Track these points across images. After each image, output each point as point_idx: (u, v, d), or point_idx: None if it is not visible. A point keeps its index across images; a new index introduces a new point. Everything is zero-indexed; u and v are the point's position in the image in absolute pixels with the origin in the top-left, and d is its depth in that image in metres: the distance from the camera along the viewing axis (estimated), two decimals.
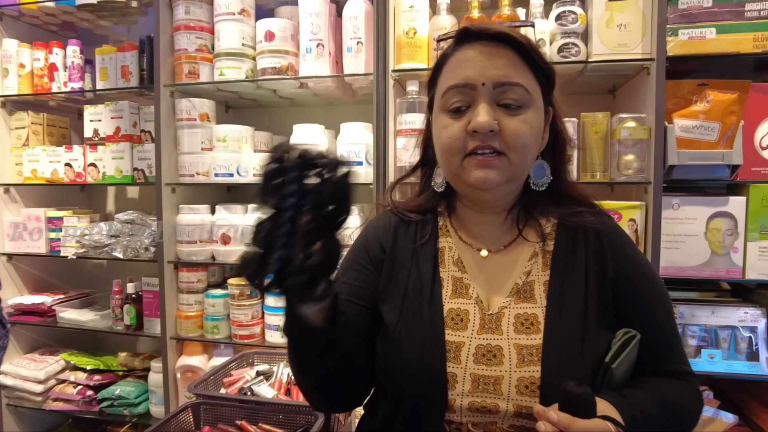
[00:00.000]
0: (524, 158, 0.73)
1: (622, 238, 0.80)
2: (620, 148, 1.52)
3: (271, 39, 1.72)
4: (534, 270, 0.78)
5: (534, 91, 0.73)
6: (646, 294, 0.78)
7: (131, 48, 1.90)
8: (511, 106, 0.71)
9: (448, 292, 0.78)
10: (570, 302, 0.74)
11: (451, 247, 0.82)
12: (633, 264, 0.79)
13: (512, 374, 0.70)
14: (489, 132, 0.70)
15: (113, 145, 1.91)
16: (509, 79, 0.71)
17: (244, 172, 1.78)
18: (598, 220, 0.80)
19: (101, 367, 2.05)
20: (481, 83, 0.72)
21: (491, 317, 0.75)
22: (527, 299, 0.75)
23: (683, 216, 1.50)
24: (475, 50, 0.73)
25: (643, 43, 1.48)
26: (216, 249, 1.83)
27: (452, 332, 0.74)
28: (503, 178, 0.73)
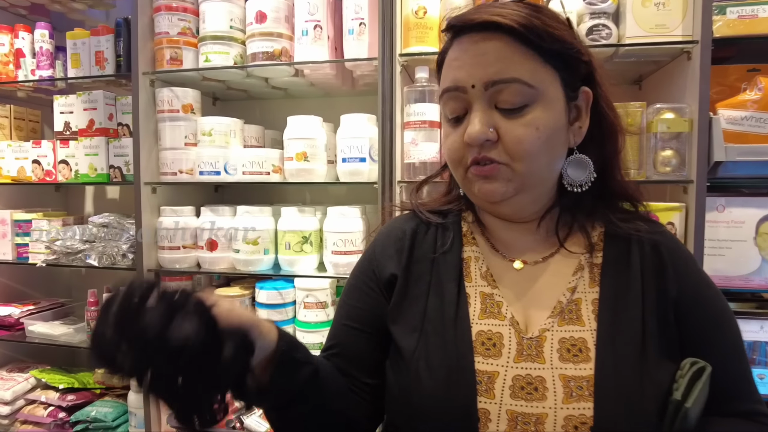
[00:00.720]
0: (532, 165, 0.61)
1: (684, 253, 0.69)
2: (657, 142, 1.35)
3: (263, 20, 1.53)
4: (580, 286, 0.65)
5: (542, 81, 0.60)
6: (714, 319, 0.66)
7: (106, 32, 1.70)
8: (511, 108, 0.60)
9: (476, 311, 0.65)
10: (625, 325, 0.62)
11: (478, 257, 0.70)
12: (698, 283, 0.67)
13: (558, 412, 0.58)
14: (486, 142, 0.60)
15: (86, 140, 1.71)
16: (501, 76, 0.59)
17: (232, 170, 1.60)
18: (653, 230, 0.67)
19: (76, 386, 1.85)
20: (471, 85, 0.61)
21: (530, 342, 0.62)
22: (573, 321, 0.63)
23: (729, 219, 1.33)
24: (462, 45, 0.62)
25: (684, 23, 1.31)
26: (201, 256, 1.64)
27: (483, 360, 0.62)
28: (511, 189, 0.62)
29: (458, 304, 0.66)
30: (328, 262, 1.54)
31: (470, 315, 0.65)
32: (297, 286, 1.57)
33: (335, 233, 1.51)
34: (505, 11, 0.59)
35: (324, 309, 1.54)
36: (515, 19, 0.58)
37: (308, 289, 1.54)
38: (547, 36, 0.59)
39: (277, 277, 1.61)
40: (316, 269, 1.60)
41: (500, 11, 0.59)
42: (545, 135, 0.60)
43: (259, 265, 1.58)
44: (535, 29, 0.58)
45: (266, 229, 1.58)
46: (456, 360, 0.62)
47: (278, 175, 1.59)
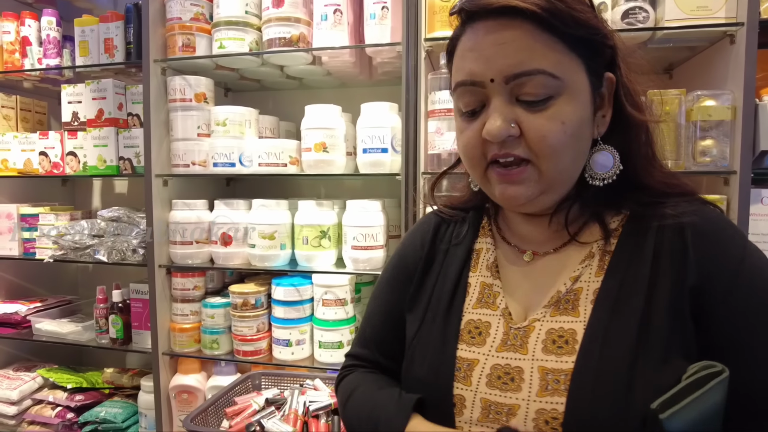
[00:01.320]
0: (559, 163, 0.56)
1: (720, 233, 0.57)
2: (695, 131, 1.28)
3: (280, 5, 1.47)
4: (585, 275, 0.60)
5: (567, 70, 0.55)
6: (754, 314, 0.54)
7: (116, 18, 1.63)
8: (534, 101, 0.54)
9: (472, 301, 0.66)
10: (623, 318, 0.55)
11: (489, 249, 0.69)
12: (734, 268, 0.55)
13: (530, 404, 0.55)
14: (508, 138, 0.55)
15: (95, 130, 1.65)
16: (524, 68, 0.53)
17: (247, 162, 1.53)
18: (687, 211, 0.57)
19: (84, 385, 1.79)
20: (490, 79, 0.55)
21: (517, 332, 0.60)
22: (568, 311, 0.58)
23: None
24: (478, 33, 0.56)
25: (727, 5, 1.23)
26: (215, 251, 1.58)
27: (467, 348, 0.62)
28: (535, 192, 0.58)
29: (455, 294, 0.67)
30: (347, 258, 1.48)
31: (465, 304, 0.65)
32: (315, 283, 1.51)
33: (355, 227, 1.44)
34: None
35: (343, 306, 1.48)
36: (537, 2, 0.52)
37: (327, 286, 1.48)
38: (572, 21, 0.53)
39: (294, 273, 1.55)
40: (335, 265, 1.54)
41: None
42: (571, 129, 0.55)
43: (276, 261, 1.52)
44: (560, 14, 0.53)
45: (283, 224, 1.51)
46: (441, 347, 0.63)
47: (295, 167, 1.53)
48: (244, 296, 1.53)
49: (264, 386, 1.41)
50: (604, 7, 1.32)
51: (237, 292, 1.54)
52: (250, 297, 1.53)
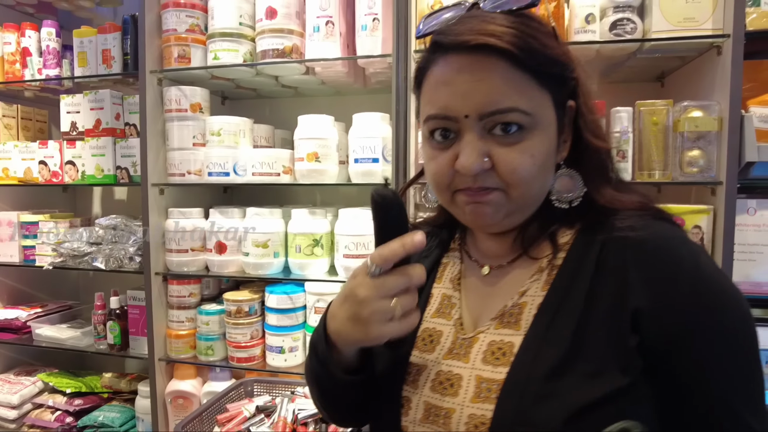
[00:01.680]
0: (527, 191, 0.58)
1: (667, 252, 0.55)
2: (683, 142, 1.29)
3: (273, 16, 1.49)
4: (532, 289, 0.61)
5: (538, 106, 0.56)
6: (701, 345, 0.53)
7: (113, 29, 1.66)
8: (508, 134, 0.56)
9: (431, 311, 0.69)
10: (556, 332, 0.56)
11: (454, 263, 0.73)
12: (682, 291, 0.54)
13: (464, 409, 0.58)
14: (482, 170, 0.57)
15: (93, 140, 1.68)
16: (499, 106, 0.54)
17: (241, 171, 1.56)
18: (636, 225, 0.57)
19: (83, 390, 1.82)
20: (464, 115, 0.56)
21: (463, 342, 0.63)
22: (510, 324, 0.61)
23: (761, 222, 1.27)
24: (452, 66, 0.56)
25: (714, 16, 1.24)
26: (210, 259, 1.60)
27: (419, 354, 0.66)
28: (501, 215, 0.59)
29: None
30: (339, 266, 1.50)
31: (425, 313, 0.69)
32: (308, 291, 1.53)
33: (347, 236, 1.46)
34: (498, 29, 0.54)
35: None
36: (512, 41, 0.53)
37: (319, 294, 1.50)
38: (545, 59, 0.55)
39: (287, 280, 1.57)
40: (327, 273, 1.56)
41: (493, 30, 0.54)
42: (540, 161, 0.57)
43: (269, 269, 1.54)
44: (534, 53, 0.54)
45: (276, 232, 1.53)
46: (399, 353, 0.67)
47: (289, 176, 1.55)
48: (237, 304, 1.55)
49: (256, 393, 1.43)
50: (592, 18, 1.33)
51: (231, 300, 1.56)
52: (244, 304, 1.55)
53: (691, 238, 0.59)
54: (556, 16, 1.34)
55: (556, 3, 1.34)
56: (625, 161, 1.33)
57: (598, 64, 1.53)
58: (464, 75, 0.55)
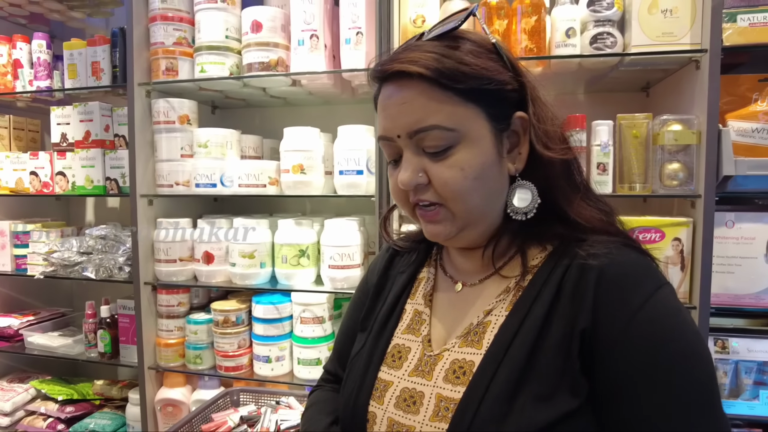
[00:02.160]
0: (467, 204, 0.60)
1: (624, 279, 0.56)
2: (663, 155, 1.31)
3: (259, 30, 1.51)
4: (498, 308, 0.63)
5: (462, 121, 0.58)
6: (637, 366, 0.53)
7: (103, 42, 1.68)
8: (435, 152, 0.59)
9: (403, 327, 0.71)
10: (514, 353, 0.58)
11: (429, 279, 0.75)
12: (627, 316, 0.54)
13: (423, 427, 0.60)
14: (418, 186, 0.61)
15: (83, 151, 1.70)
16: (421, 125, 0.58)
17: (228, 182, 1.57)
18: (601, 252, 0.58)
19: (75, 397, 1.84)
20: (397, 135, 0.61)
21: (428, 359, 0.65)
22: (473, 343, 0.62)
23: (739, 235, 1.28)
24: (385, 93, 0.62)
25: (692, 31, 1.26)
26: (198, 269, 1.62)
27: (387, 370, 0.68)
28: (454, 229, 0.63)
29: (389, 318, 0.73)
30: (325, 276, 1.51)
31: (396, 329, 0.71)
32: (294, 301, 1.55)
33: (332, 247, 1.48)
34: (417, 56, 0.57)
35: (321, 324, 1.52)
36: (425, 64, 0.57)
37: (305, 304, 1.52)
38: (461, 76, 0.57)
39: (274, 291, 1.58)
40: (314, 283, 1.57)
41: (413, 56, 0.58)
42: (473, 174, 0.59)
43: (256, 279, 1.56)
44: (446, 72, 0.57)
45: (263, 243, 1.55)
46: (367, 367, 0.69)
47: (275, 187, 1.56)
48: (225, 314, 1.57)
49: (243, 402, 1.45)
50: (572, 32, 1.34)
51: (218, 310, 1.58)
52: (231, 315, 1.57)
53: (656, 269, 0.59)
54: (537, 29, 1.35)
55: (537, 17, 1.35)
56: (606, 174, 1.35)
57: (582, 76, 1.55)
58: (393, 99, 0.60)
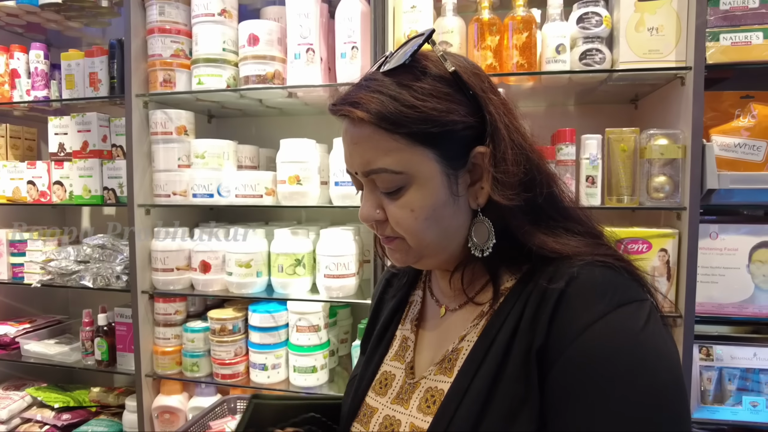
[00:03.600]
0: (422, 241, 0.60)
1: (579, 297, 0.53)
2: (650, 168, 1.34)
3: (256, 43, 1.53)
4: (471, 334, 0.62)
5: (410, 164, 0.57)
6: (576, 384, 0.50)
7: (101, 53, 1.70)
8: (388, 192, 0.60)
9: (392, 353, 0.72)
10: (480, 380, 0.56)
11: (417, 302, 0.75)
12: (574, 332, 0.51)
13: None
14: (377, 221, 0.62)
15: (81, 161, 1.71)
16: (370, 167, 0.58)
17: (225, 192, 1.60)
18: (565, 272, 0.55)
19: (71, 404, 1.86)
20: (354, 172, 0.62)
21: (408, 387, 0.66)
22: (446, 370, 0.62)
23: (723, 246, 1.32)
24: (343, 128, 0.60)
25: (677, 49, 1.30)
26: (195, 277, 1.64)
27: (375, 396, 0.69)
28: (412, 258, 0.63)
29: (379, 345, 0.74)
30: (320, 285, 1.54)
31: (386, 355, 0.72)
32: (290, 309, 1.57)
33: (328, 256, 1.51)
34: (363, 96, 0.56)
35: (317, 332, 1.54)
36: (368, 108, 0.55)
37: (301, 313, 1.54)
38: (405, 120, 0.55)
39: (270, 299, 1.61)
40: (309, 291, 1.60)
41: (359, 97, 0.56)
42: (423, 215, 0.58)
43: (252, 288, 1.58)
44: (389, 117, 0.55)
45: (259, 252, 1.57)
46: (357, 393, 0.71)
47: (271, 197, 1.59)
48: (221, 322, 1.59)
49: (240, 409, 1.47)
50: (562, 48, 1.38)
51: (215, 318, 1.60)
52: (228, 323, 1.59)
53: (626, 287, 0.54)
54: (528, 45, 1.39)
55: (528, 33, 1.39)
56: (595, 186, 1.39)
57: (573, 89, 1.59)
58: (347, 138, 0.60)
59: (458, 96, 0.57)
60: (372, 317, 0.82)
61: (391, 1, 1.43)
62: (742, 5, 1.25)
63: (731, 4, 1.25)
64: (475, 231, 0.61)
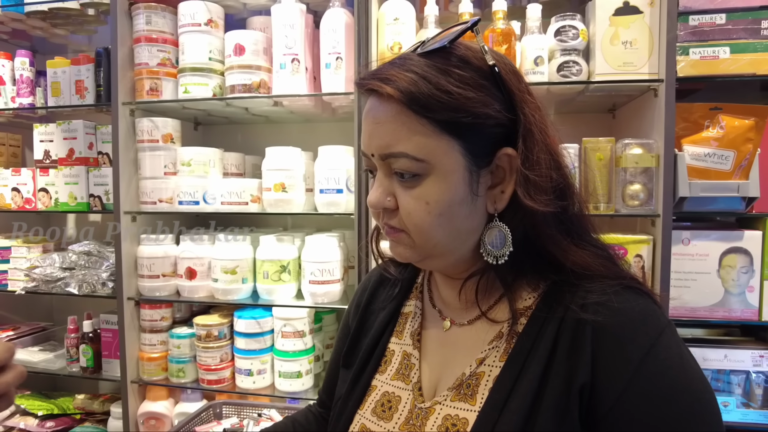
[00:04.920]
0: (429, 239, 0.56)
1: (623, 329, 0.52)
2: (625, 176, 1.39)
3: (242, 53, 1.56)
4: (491, 357, 0.58)
5: (434, 152, 0.53)
6: (642, 424, 0.49)
7: (87, 61, 1.71)
8: (404, 177, 0.55)
9: (391, 371, 0.66)
10: (511, 414, 0.53)
11: (416, 314, 0.69)
12: (629, 370, 0.50)
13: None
14: (386, 209, 0.57)
15: (66, 168, 1.72)
16: (391, 150, 0.54)
17: (211, 200, 1.61)
18: (599, 300, 0.53)
19: (55, 412, 1.85)
20: (371, 154, 0.57)
21: (420, 412, 0.61)
22: (466, 398, 0.57)
23: (694, 252, 1.37)
24: (366, 108, 0.57)
25: (650, 62, 1.35)
26: (181, 284, 1.65)
27: (377, 421, 0.63)
28: (416, 256, 0.59)
29: (369, 360, 0.68)
30: (306, 292, 1.56)
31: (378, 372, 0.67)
32: (275, 315, 1.59)
33: (313, 263, 1.53)
34: (395, 74, 0.53)
35: (302, 338, 1.56)
36: (399, 86, 0.52)
37: (286, 319, 1.56)
38: (436, 105, 0.52)
39: (256, 305, 1.62)
40: (295, 298, 1.62)
41: (391, 74, 0.53)
42: (437, 209, 0.54)
43: (238, 294, 1.60)
44: (420, 99, 0.52)
45: (244, 258, 1.59)
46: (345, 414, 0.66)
47: (257, 204, 1.61)
48: (207, 328, 1.61)
49: (225, 415, 1.48)
50: (540, 60, 1.42)
51: (201, 324, 1.62)
52: (213, 329, 1.61)
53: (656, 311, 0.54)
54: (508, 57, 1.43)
55: (507, 45, 1.43)
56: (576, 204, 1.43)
57: (552, 99, 1.63)
58: (369, 117, 0.56)
59: (494, 91, 0.54)
60: (357, 327, 0.74)
61: (374, 13, 1.46)
62: (710, 21, 1.30)
63: (700, 20, 1.31)
64: (487, 236, 0.57)
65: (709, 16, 1.30)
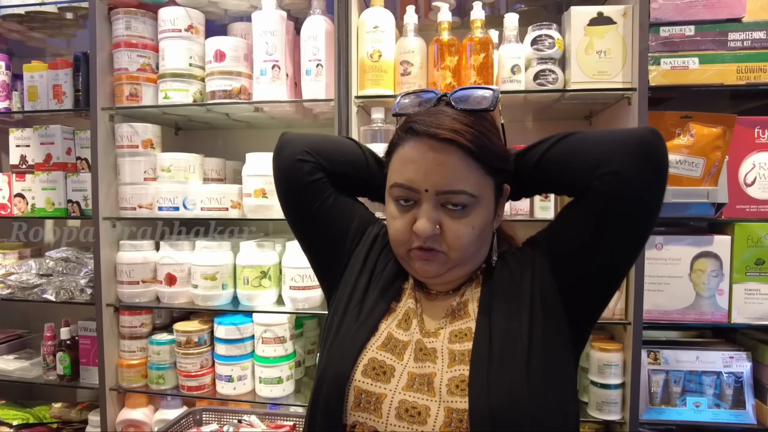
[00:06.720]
0: (465, 254, 0.73)
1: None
2: None
3: (222, 59, 1.56)
4: (468, 291, 0.78)
5: (482, 190, 0.71)
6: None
7: (65, 65, 1.70)
8: (455, 210, 0.70)
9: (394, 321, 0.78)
10: (501, 309, 0.72)
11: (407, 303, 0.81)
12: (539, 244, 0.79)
13: (444, 374, 0.69)
14: (433, 235, 0.70)
15: (43, 174, 1.70)
16: (452, 187, 0.69)
17: (191, 205, 1.61)
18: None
19: (30, 421, 1.82)
20: (425, 189, 0.69)
21: (427, 335, 0.75)
22: (462, 316, 0.76)
23: (667, 256, 1.41)
24: (420, 149, 0.69)
25: (623, 71, 1.38)
26: (160, 290, 1.64)
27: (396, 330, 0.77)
28: (444, 269, 0.74)
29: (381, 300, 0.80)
30: (286, 297, 1.56)
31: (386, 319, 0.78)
32: (255, 321, 1.59)
33: (294, 269, 1.53)
34: (461, 128, 0.68)
35: (282, 344, 1.56)
36: (470, 138, 0.67)
37: (266, 324, 1.56)
38: (493, 155, 0.70)
39: (236, 311, 1.62)
40: (275, 304, 1.62)
41: (458, 128, 0.68)
42: (479, 231, 0.71)
43: (218, 300, 1.59)
44: (486, 151, 0.69)
45: (224, 264, 1.59)
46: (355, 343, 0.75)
47: (237, 210, 1.61)
48: (187, 334, 1.60)
49: (205, 421, 1.47)
50: (517, 69, 1.45)
51: (181, 331, 1.61)
52: (194, 335, 1.60)
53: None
54: (485, 65, 1.46)
55: (485, 54, 1.46)
56: (548, 200, 1.46)
57: (529, 107, 1.66)
58: (428, 157, 0.68)
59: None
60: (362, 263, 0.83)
61: (354, 20, 1.48)
62: (680, 33, 1.34)
63: (670, 31, 1.34)
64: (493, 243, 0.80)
65: (679, 28, 1.34)
